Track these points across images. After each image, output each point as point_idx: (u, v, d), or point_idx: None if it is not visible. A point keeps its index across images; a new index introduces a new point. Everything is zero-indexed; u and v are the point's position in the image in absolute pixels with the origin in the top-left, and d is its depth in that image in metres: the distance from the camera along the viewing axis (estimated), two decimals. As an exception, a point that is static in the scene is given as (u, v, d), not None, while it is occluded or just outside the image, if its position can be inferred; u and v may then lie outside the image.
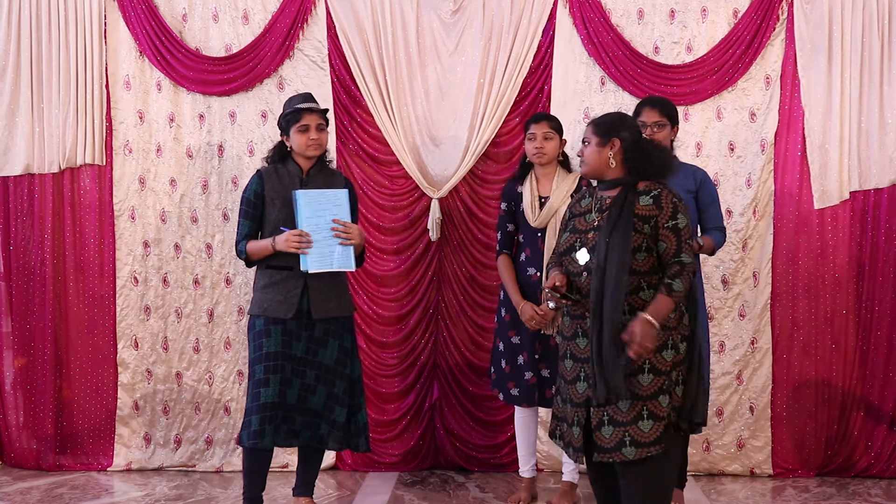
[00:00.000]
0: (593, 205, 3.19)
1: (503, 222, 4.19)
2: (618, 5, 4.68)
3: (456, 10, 4.69)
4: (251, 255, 3.76)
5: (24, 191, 4.80)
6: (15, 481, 4.63)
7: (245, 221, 3.82)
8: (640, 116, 3.89)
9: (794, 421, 4.67)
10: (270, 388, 3.65)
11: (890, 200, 4.61)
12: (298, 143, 3.78)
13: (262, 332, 3.72)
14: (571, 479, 4.18)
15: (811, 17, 4.58)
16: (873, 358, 4.64)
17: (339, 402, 3.78)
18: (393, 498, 4.36)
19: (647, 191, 3.10)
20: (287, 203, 3.75)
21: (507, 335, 4.13)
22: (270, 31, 4.71)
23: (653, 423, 3.01)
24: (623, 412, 3.01)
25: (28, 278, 4.81)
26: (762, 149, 4.63)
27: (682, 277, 3.03)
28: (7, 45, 4.72)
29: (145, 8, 4.70)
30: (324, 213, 3.65)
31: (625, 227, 3.02)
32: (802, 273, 4.66)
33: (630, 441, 3.00)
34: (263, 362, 3.68)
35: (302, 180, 3.82)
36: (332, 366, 3.78)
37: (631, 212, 3.05)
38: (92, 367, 4.82)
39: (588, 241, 3.13)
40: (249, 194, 3.82)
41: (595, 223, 3.13)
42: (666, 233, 3.06)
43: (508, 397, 4.14)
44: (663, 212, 3.06)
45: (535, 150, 4.08)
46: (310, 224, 3.63)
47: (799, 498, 4.36)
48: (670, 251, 3.06)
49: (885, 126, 4.57)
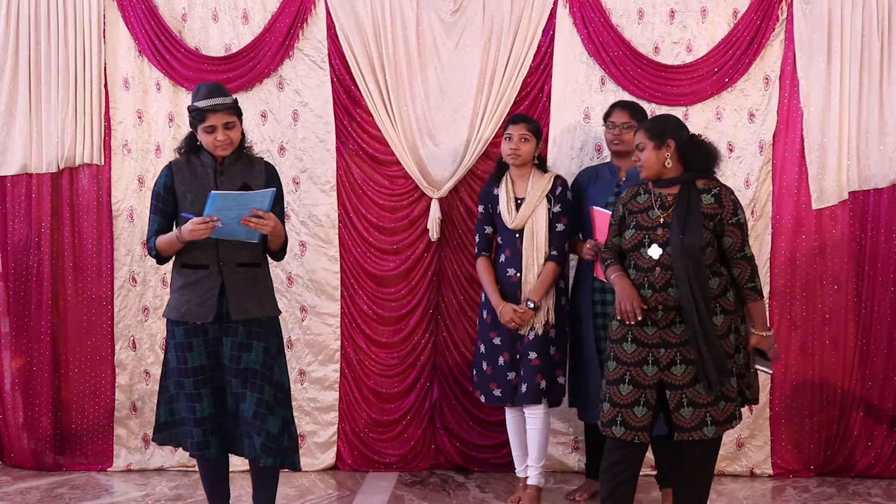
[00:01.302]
0: (653, 202, 3.43)
1: (481, 225, 4.22)
2: (618, 5, 4.68)
3: (456, 10, 4.68)
4: (161, 251, 3.51)
5: (21, 190, 4.78)
6: (15, 481, 4.62)
7: (155, 217, 3.55)
8: (610, 117, 4.19)
9: (794, 421, 4.68)
10: (204, 403, 3.48)
11: (889, 200, 4.62)
12: (206, 142, 3.50)
13: (184, 344, 3.49)
14: (537, 483, 4.15)
15: (811, 17, 4.58)
16: (873, 358, 4.65)
17: (271, 411, 3.50)
18: (393, 498, 4.36)
19: (708, 189, 3.38)
20: (200, 198, 3.45)
21: (488, 336, 4.14)
22: (270, 31, 4.70)
23: (726, 403, 3.37)
24: (702, 394, 3.32)
25: (26, 278, 4.79)
26: (760, 149, 4.64)
27: (757, 276, 3.42)
28: (5, 44, 4.70)
29: (144, 7, 4.68)
30: (238, 207, 3.34)
31: (697, 223, 3.31)
32: (801, 273, 4.67)
33: (711, 421, 3.34)
34: (191, 377, 3.48)
35: (216, 171, 3.53)
36: (259, 369, 3.50)
37: (698, 208, 3.33)
38: (90, 368, 4.81)
39: (658, 238, 3.36)
40: (159, 188, 3.54)
41: (661, 220, 3.38)
42: (731, 229, 3.37)
43: (491, 398, 4.13)
44: (725, 209, 3.36)
45: (510, 152, 4.09)
46: (219, 214, 3.34)
47: (799, 498, 4.37)
48: (735, 245, 3.38)
49: (885, 126, 4.58)
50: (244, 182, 3.53)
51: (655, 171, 3.41)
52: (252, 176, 3.57)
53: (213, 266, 3.48)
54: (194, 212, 3.41)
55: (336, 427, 4.80)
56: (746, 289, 3.41)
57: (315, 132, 4.74)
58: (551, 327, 4.05)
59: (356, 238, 4.76)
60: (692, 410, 3.34)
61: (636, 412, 3.37)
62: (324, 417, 4.79)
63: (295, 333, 4.79)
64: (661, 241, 3.35)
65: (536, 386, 4.00)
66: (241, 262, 3.53)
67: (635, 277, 3.41)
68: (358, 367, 4.79)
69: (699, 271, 3.27)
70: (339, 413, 4.80)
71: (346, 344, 4.79)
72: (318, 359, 4.79)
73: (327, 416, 4.79)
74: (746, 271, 3.40)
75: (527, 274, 4.05)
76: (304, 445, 4.77)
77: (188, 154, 3.58)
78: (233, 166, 3.55)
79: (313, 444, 4.79)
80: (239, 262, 3.52)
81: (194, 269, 3.50)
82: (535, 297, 4.00)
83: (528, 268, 4.05)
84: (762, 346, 3.45)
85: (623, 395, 3.38)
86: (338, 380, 4.80)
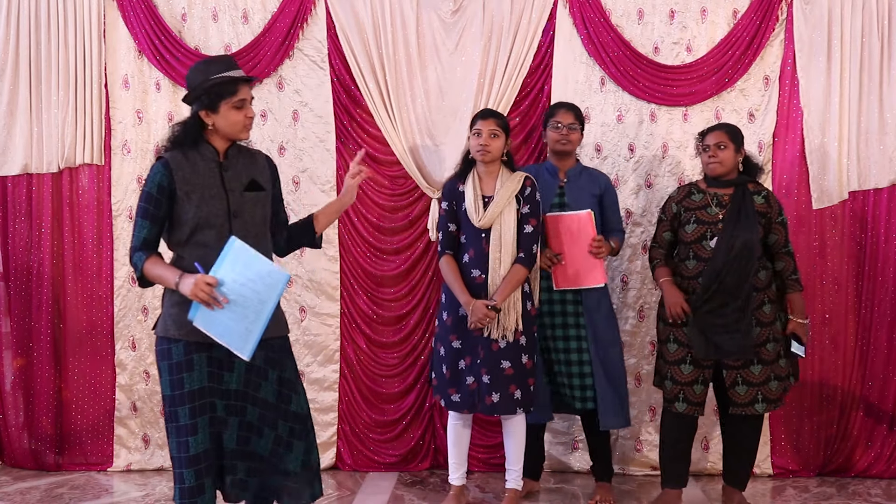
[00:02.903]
0: (710, 200, 3.93)
1: (444, 222, 4.04)
2: (618, 5, 4.68)
3: (456, 10, 4.68)
4: (148, 276, 2.95)
5: (22, 191, 4.79)
6: (15, 481, 4.63)
7: (144, 223, 2.95)
8: (554, 117, 4.19)
9: (794, 421, 4.68)
10: (200, 435, 2.90)
11: (889, 200, 4.62)
12: (232, 122, 2.97)
13: (181, 363, 2.90)
14: (516, 486, 4.10)
15: (810, 17, 4.58)
16: (873, 358, 4.64)
17: (288, 448, 3.05)
18: (393, 498, 4.36)
19: (758, 191, 3.95)
20: (209, 197, 2.95)
21: (448, 339, 3.98)
22: (270, 31, 4.70)
23: (778, 383, 3.89)
24: (755, 374, 3.84)
25: (27, 278, 4.80)
26: (760, 149, 4.63)
27: (797, 270, 3.97)
28: (6, 44, 4.71)
29: (144, 7, 4.69)
30: (249, 282, 2.80)
31: (752, 219, 3.84)
32: (801, 273, 4.62)
33: (762, 398, 3.86)
34: (188, 403, 2.89)
35: (220, 165, 3.01)
36: (275, 402, 3.03)
37: (753, 207, 3.87)
38: (90, 368, 4.81)
39: (718, 231, 3.86)
40: (151, 188, 2.93)
41: (720, 216, 3.88)
42: (777, 227, 3.93)
43: (449, 403, 3.99)
44: (773, 209, 3.93)
45: (479, 148, 3.94)
46: (229, 280, 2.80)
47: (799, 498, 4.37)
48: (780, 242, 3.94)
49: (885, 126, 4.58)
50: (251, 178, 3.06)
51: (727, 169, 3.93)
52: (257, 170, 3.10)
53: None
54: (202, 215, 2.93)
55: (336, 427, 4.80)
56: (791, 280, 3.94)
57: (315, 132, 4.75)
58: (521, 334, 3.90)
59: (356, 238, 4.76)
60: (746, 388, 3.85)
61: (696, 389, 3.90)
62: (323, 418, 4.78)
63: (294, 334, 4.77)
64: (720, 234, 3.84)
65: (510, 396, 3.88)
66: None
67: (695, 266, 3.89)
68: (358, 368, 4.79)
69: (747, 258, 3.77)
70: (338, 413, 4.80)
71: (345, 344, 4.79)
72: (317, 359, 4.79)
73: (327, 417, 4.79)
74: (790, 265, 3.95)
75: (493, 275, 3.88)
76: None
77: (182, 147, 2.99)
78: (236, 159, 3.06)
79: (313, 444, 4.79)
80: None
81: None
82: (499, 297, 3.83)
83: (494, 269, 3.88)
84: (799, 331, 3.92)
85: (685, 374, 3.90)
86: (337, 380, 4.80)
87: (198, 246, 2.95)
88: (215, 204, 2.96)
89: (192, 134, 2.99)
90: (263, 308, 2.78)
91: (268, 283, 2.78)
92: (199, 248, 2.94)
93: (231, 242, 2.83)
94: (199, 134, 3.00)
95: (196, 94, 2.96)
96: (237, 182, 3.02)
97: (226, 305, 2.78)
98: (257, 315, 2.78)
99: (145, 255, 2.95)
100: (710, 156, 3.94)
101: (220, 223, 2.95)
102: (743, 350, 3.81)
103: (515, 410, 3.91)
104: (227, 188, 3.00)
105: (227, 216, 2.98)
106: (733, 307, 3.79)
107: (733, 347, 3.80)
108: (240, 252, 2.81)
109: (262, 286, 2.78)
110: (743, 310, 3.79)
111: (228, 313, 2.79)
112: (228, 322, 2.79)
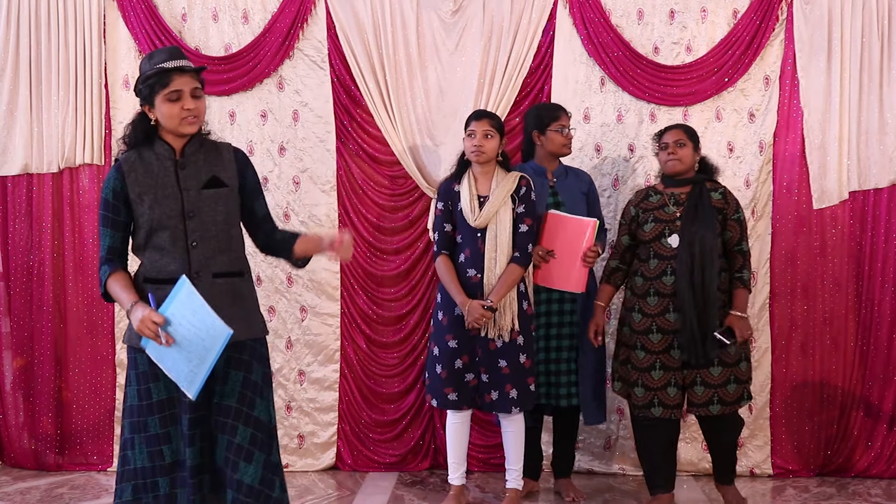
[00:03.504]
0: (667, 200, 3.92)
1: (440, 222, 4.03)
2: (618, 5, 4.68)
3: (456, 10, 4.69)
4: (110, 293, 2.80)
5: (22, 191, 4.79)
6: (15, 481, 4.63)
7: (106, 231, 2.81)
8: (559, 121, 4.17)
9: (794, 421, 4.68)
10: (174, 443, 2.79)
11: (889, 200, 4.61)
12: (168, 115, 2.76)
13: (147, 374, 2.77)
14: (517, 486, 4.09)
15: (811, 17, 4.59)
16: (873, 358, 4.64)
17: (244, 457, 2.76)
18: (393, 498, 4.36)
19: (715, 188, 3.94)
20: (163, 198, 2.77)
21: (444, 339, 3.97)
22: (270, 31, 4.70)
23: (737, 386, 3.85)
24: (714, 375, 3.80)
25: (27, 278, 4.80)
26: (761, 149, 4.64)
27: (747, 268, 3.90)
28: (6, 44, 4.71)
29: (145, 7, 4.69)
30: (194, 328, 2.61)
31: (709, 215, 3.82)
32: (801, 273, 4.67)
33: (717, 400, 3.81)
34: (157, 413, 2.77)
35: (176, 164, 2.81)
36: (234, 406, 2.78)
37: (710, 203, 3.85)
38: (91, 368, 4.81)
39: (676, 228, 3.84)
40: (107, 194, 2.80)
41: (678, 214, 3.86)
42: (733, 224, 3.90)
43: (445, 403, 3.98)
44: (730, 206, 3.91)
45: (473, 149, 3.94)
46: (176, 321, 2.63)
47: (799, 498, 4.37)
48: (734, 239, 3.90)
49: (885, 126, 4.58)
50: (212, 175, 2.84)
51: (686, 167, 3.93)
52: (221, 166, 2.86)
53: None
54: (155, 216, 2.77)
55: (336, 427, 4.80)
56: (737, 276, 3.89)
57: (315, 132, 4.75)
58: (518, 334, 3.91)
59: (356, 238, 4.76)
60: (703, 389, 3.82)
61: (669, 392, 3.86)
62: (323, 418, 4.79)
63: (295, 333, 4.79)
64: (679, 231, 3.82)
65: (506, 395, 3.90)
66: (219, 272, 2.82)
67: (657, 266, 3.86)
68: (358, 368, 4.80)
69: (709, 257, 3.75)
70: (338, 413, 4.80)
71: (345, 344, 4.79)
72: (317, 359, 4.80)
73: (327, 417, 4.79)
74: (739, 261, 3.90)
75: (489, 275, 3.89)
76: (304, 446, 4.78)
77: (137, 146, 2.83)
78: (195, 156, 2.84)
79: (313, 445, 4.79)
80: (216, 272, 2.82)
81: (160, 285, 2.75)
82: (495, 297, 3.84)
83: (489, 269, 3.89)
84: (735, 325, 3.81)
85: (656, 379, 3.86)
86: (337, 380, 4.80)
87: (154, 249, 2.80)
88: (168, 204, 2.78)
89: (141, 132, 2.82)
90: (207, 355, 2.62)
91: (212, 335, 2.60)
92: (155, 252, 2.80)
93: (181, 282, 2.65)
94: (151, 131, 2.82)
95: (136, 90, 2.82)
96: (194, 180, 2.82)
97: (172, 344, 2.63)
98: (201, 360, 2.63)
99: (110, 270, 2.80)
100: (669, 153, 3.91)
101: (173, 224, 2.78)
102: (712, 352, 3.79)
103: (511, 410, 3.92)
104: (182, 187, 2.81)
105: (181, 217, 2.79)
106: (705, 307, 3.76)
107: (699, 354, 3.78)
108: (188, 296, 2.63)
109: (206, 335, 2.61)
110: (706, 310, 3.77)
111: (175, 352, 2.65)
112: (176, 359, 2.66)
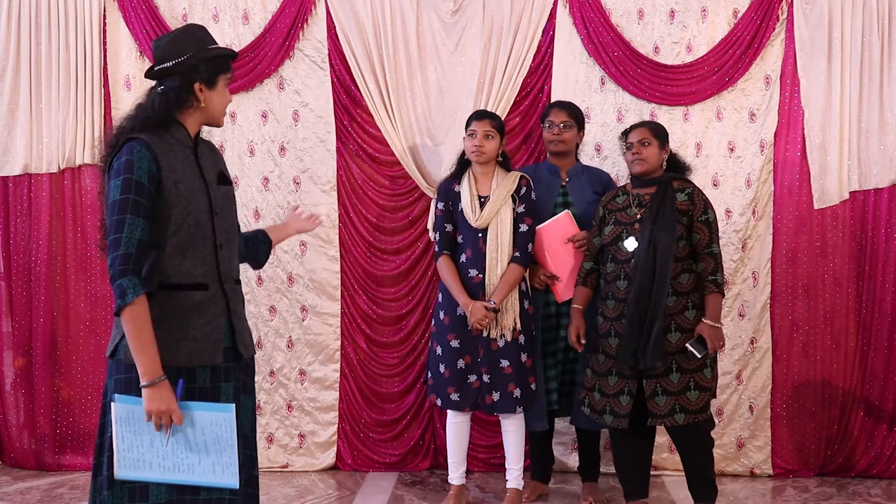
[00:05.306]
0: (631, 201, 3.76)
1: (441, 223, 4.04)
2: (618, 5, 4.68)
3: (456, 10, 4.69)
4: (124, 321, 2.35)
5: (23, 191, 4.80)
6: (15, 481, 4.63)
7: (136, 221, 2.31)
8: (548, 117, 4.19)
9: (794, 421, 4.67)
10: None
11: (890, 200, 4.61)
12: (222, 103, 2.54)
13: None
14: (517, 486, 4.10)
15: (811, 17, 4.58)
16: (873, 358, 4.64)
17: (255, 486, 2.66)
18: (393, 498, 4.36)
19: (682, 188, 3.72)
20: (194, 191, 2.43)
21: (445, 339, 3.99)
22: (270, 32, 4.71)
23: (699, 393, 3.62)
24: (674, 383, 3.60)
25: (28, 278, 4.80)
26: (761, 149, 4.64)
27: (720, 271, 3.67)
28: (7, 45, 4.71)
29: (145, 8, 4.69)
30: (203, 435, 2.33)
31: (670, 218, 3.61)
32: (802, 273, 4.66)
33: (680, 409, 3.59)
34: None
35: (196, 153, 2.52)
36: (249, 434, 2.60)
37: (673, 205, 3.64)
38: (92, 368, 4.81)
39: (634, 232, 3.67)
40: (140, 176, 2.32)
41: (638, 216, 3.69)
42: (700, 226, 3.68)
43: (448, 402, 3.99)
44: (697, 207, 3.68)
45: (473, 149, 3.96)
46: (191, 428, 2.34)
47: (799, 498, 4.36)
48: (703, 242, 3.68)
49: (885, 126, 4.57)
50: (219, 170, 2.59)
51: (654, 168, 3.75)
52: (221, 163, 2.64)
53: (215, 285, 2.45)
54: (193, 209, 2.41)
55: (336, 427, 4.80)
56: (707, 281, 3.66)
57: (315, 132, 4.75)
58: (519, 333, 3.92)
59: (356, 238, 4.76)
60: (665, 398, 3.62)
61: (622, 401, 3.68)
62: (324, 417, 4.79)
63: (295, 333, 4.79)
64: (637, 235, 3.65)
65: (510, 395, 3.90)
66: (237, 279, 2.60)
67: (613, 270, 3.73)
68: (358, 367, 4.80)
69: (665, 261, 3.55)
70: (339, 413, 4.80)
71: (346, 344, 4.80)
72: (318, 359, 4.80)
73: (327, 416, 4.79)
74: (710, 265, 3.67)
75: (490, 275, 3.90)
76: (304, 445, 4.78)
77: (154, 128, 2.42)
78: (202, 149, 2.56)
79: (313, 444, 4.79)
80: (236, 279, 2.59)
81: (188, 291, 2.41)
82: (497, 298, 3.85)
83: (491, 269, 3.90)
84: (706, 333, 3.59)
85: (611, 385, 3.71)
86: (338, 380, 4.80)
87: (177, 249, 2.39)
88: (199, 198, 2.43)
89: (176, 108, 2.45)
90: (225, 441, 2.34)
91: (219, 423, 2.33)
92: (177, 253, 2.39)
93: (225, 409, 2.33)
94: (170, 116, 2.46)
95: (188, 63, 2.44)
96: (212, 174, 2.53)
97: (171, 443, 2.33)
98: (220, 447, 2.34)
99: (143, 287, 2.29)
100: (633, 153, 3.75)
101: (205, 221, 2.44)
102: (655, 357, 3.55)
103: (515, 409, 3.92)
104: (206, 179, 2.48)
105: (209, 213, 2.47)
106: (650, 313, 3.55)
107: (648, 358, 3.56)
108: (223, 425, 2.32)
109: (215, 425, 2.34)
110: (652, 316, 3.56)
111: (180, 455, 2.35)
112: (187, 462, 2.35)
